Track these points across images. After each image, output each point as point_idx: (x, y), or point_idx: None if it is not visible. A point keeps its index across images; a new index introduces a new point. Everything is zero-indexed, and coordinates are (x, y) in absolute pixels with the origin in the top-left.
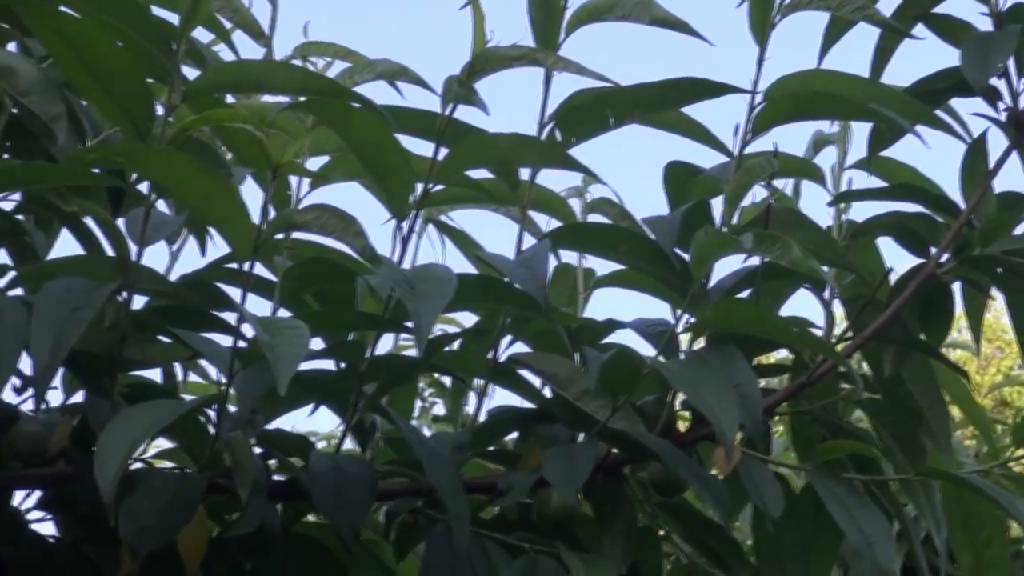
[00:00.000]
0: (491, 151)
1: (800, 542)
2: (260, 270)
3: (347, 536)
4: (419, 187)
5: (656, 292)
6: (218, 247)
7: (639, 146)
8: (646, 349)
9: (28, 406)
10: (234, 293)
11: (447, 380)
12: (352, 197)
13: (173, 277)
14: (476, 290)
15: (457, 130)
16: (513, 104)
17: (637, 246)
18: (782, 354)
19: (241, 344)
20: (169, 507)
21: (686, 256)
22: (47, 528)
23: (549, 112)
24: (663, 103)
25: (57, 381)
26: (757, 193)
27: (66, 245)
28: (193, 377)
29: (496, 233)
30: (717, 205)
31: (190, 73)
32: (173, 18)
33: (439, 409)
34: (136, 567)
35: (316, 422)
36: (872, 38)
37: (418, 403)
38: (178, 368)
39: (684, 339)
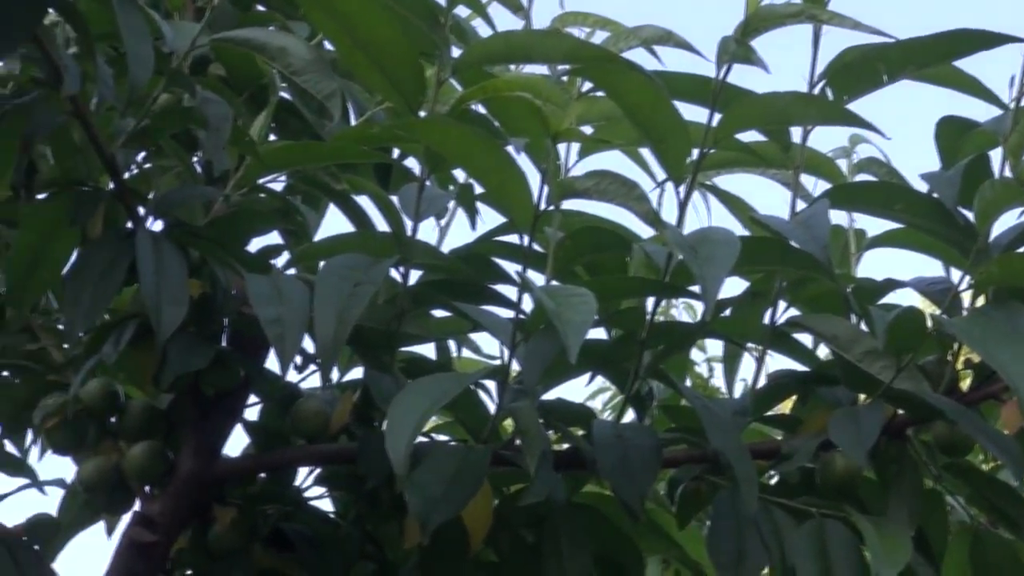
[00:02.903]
0: (769, 111)
1: None
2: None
3: (634, 505)
4: (694, 151)
5: (931, 250)
6: (485, 221)
7: (884, 103)
8: (925, 308)
9: (307, 384)
10: (505, 266)
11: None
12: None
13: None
14: (756, 252)
15: (729, 93)
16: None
17: (915, 203)
18: None
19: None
20: (456, 479)
21: (965, 212)
22: (324, 505)
23: (819, 71)
24: (936, 56)
25: None
26: None
27: (326, 224)
28: (465, 353)
29: (756, 197)
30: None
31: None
32: None
33: None
34: (426, 539)
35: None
36: None
37: None
38: (451, 344)
39: (965, 297)
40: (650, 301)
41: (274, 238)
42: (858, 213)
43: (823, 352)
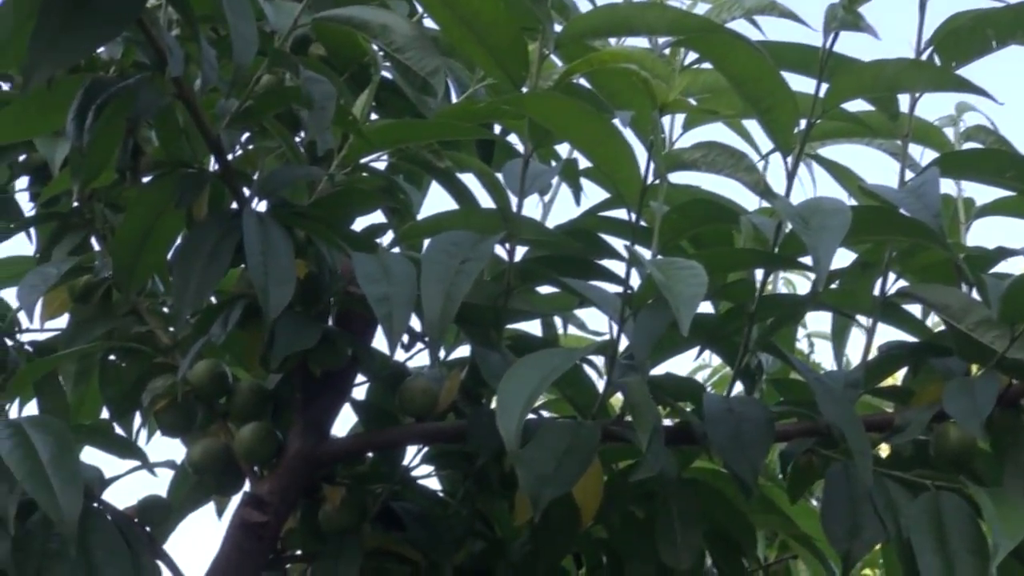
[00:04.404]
0: (878, 79)
1: None
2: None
3: (748, 479)
4: (801, 122)
5: None
6: (588, 197)
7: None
8: None
9: (414, 362)
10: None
11: None
12: None
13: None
14: (867, 221)
15: (835, 61)
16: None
17: None
18: None
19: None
20: (567, 455)
21: None
22: (432, 484)
23: (926, 37)
24: None
25: None
26: None
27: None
28: (570, 330)
29: (857, 168)
30: None
31: None
32: None
33: None
34: (538, 515)
35: None
36: None
37: None
38: (558, 321)
39: None
40: (759, 273)
41: (377, 217)
42: (967, 182)
43: (931, 323)
